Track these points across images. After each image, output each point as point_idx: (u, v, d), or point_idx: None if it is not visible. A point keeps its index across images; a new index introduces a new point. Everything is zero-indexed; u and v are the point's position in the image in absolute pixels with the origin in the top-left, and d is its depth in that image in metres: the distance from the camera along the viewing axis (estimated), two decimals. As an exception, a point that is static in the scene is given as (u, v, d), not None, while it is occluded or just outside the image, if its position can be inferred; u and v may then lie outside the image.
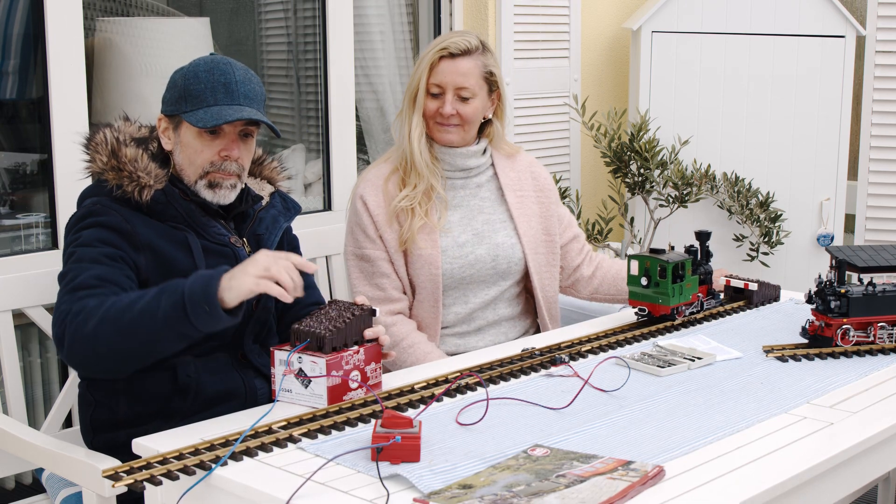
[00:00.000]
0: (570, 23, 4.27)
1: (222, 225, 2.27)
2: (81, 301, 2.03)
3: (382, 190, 2.70)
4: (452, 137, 2.72)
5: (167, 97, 2.24)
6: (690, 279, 2.56)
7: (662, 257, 2.49)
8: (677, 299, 2.52)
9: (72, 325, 2.00)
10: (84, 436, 2.28)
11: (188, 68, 2.22)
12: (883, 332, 2.37)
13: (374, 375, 2.10)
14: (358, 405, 1.99)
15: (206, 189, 2.23)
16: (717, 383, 2.18)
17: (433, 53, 2.68)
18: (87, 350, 2.00)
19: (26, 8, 3.08)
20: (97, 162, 2.21)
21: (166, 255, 2.16)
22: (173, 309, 1.94)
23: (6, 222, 3.13)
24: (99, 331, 1.97)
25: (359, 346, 2.08)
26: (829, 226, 4.20)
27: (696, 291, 2.61)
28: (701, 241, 2.67)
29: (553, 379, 2.20)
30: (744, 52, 4.17)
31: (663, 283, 2.49)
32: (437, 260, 2.68)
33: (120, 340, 1.98)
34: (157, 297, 1.97)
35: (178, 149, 2.23)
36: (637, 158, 3.99)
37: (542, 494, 1.59)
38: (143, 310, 1.96)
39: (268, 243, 2.34)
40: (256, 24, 4.17)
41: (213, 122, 2.15)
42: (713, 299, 2.69)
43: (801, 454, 1.81)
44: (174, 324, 1.95)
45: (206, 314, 1.93)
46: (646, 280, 2.50)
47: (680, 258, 2.51)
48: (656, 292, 2.50)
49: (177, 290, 1.96)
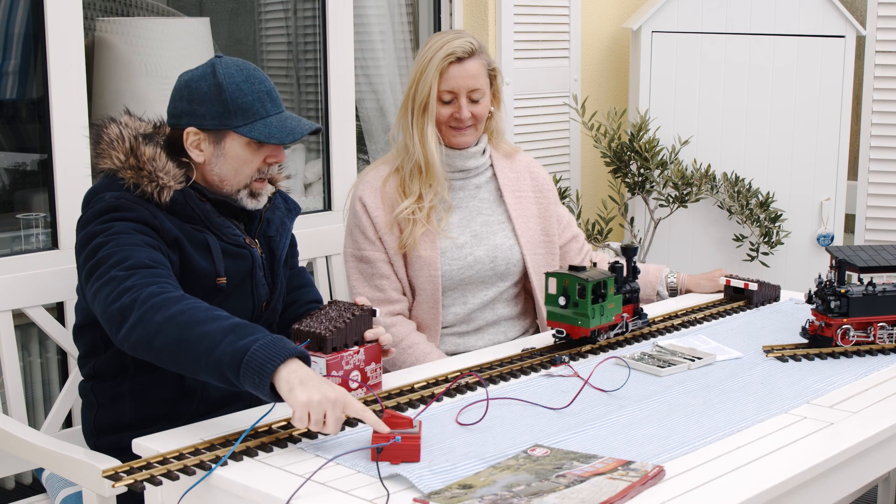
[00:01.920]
0: (570, 23, 4.27)
1: (235, 225, 2.26)
2: (145, 280, 1.94)
3: (381, 192, 2.70)
4: (469, 139, 2.72)
5: (202, 111, 2.16)
6: (613, 299, 2.37)
7: (581, 275, 2.30)
8: (598, 321, 2.33)
9: (141, 307, 1.90)
10: (87, 438, 2.27)
11: (223, 79, 2.15)
12: (883, 332, 2.37)
13: (374, 375, 2.10)
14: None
15: (249, 198, 2.23)
16: (717, 383, 2.18)
17: (441, 60, 2.63)
18: (145, 338, 1.90)
19: (26, 8, 3.08)
20: (113, 159, 2.15)
21: (190, 255, 2.14)
22: (231, 356, 1.82)
23: (6, 222, 3.13)
24: (163, 328, 1.88)
25: (359, 346, 2.08)
26: (829, 226, 4.20)
27: (620, 312, 2.42)
28: (627, 256, 2.51)
29: (553, 379, 2.20)
30: (744, 52, 4.17)
31: (582, 304, 2.30)
32: (437, 262, 2.68)
33: (175, 347, 1.88)
34: (229, 330, 1.86)
35: (220, 161, 2.19)
36: (637, 158, 3.99)
37: (542, 494, 1.59)
38: (209, 333, 1.85)
39: (279, 246, 2.34)
40: (256, 24, 4.17)
41: (290, 138, 2.16)
42: (640, 319, 2.51)
43: (801, 454, 1.81)
44: (223, 367, 1.84)
45: (254, 384, 1.81)
46: (564, 300, 2.31)
47: (600, 276, 2.33)
48: (575, 313, 2.31)
49: (247, 339, 1.83)
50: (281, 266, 2.34)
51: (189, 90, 2.18)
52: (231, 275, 2.21)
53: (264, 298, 2.30)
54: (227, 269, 2.19)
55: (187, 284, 2.13)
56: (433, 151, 2.65)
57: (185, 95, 2.19)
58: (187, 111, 2.18)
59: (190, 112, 2.17)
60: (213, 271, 2.17)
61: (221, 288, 2.18)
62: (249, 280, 2.25)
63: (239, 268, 2.22)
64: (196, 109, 2.17)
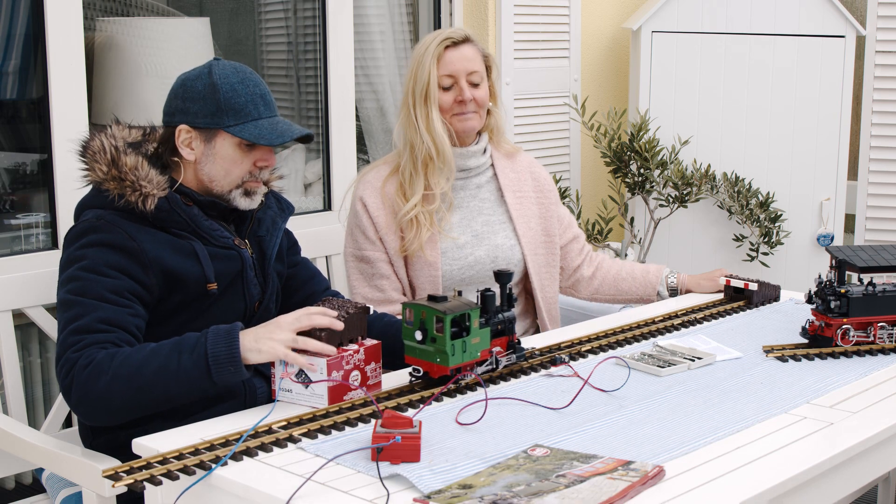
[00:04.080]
0: (570, 23, 4.27)
1: (224, 227, 2.27)
2: (88, 350, 2.01)
3: (381, 192, 2.70)
4: (473, 123, 2.71)
5: (195, 109, 2.18)
6: (478, 332, 2.08)
7: (439, 307, 2.00)
8: (459, 358, 2.04)
9: (80, 378, 1.98)
10: (83, 437, 2.28)
11: (218, 79, 2.17)
12: (883, 332, 2.37)
13: (373, 375, 2.10)
14: (358, 405, 1.99)
15: (242, 197, 2.24)
16: (717, 383, 2.18)
17: (436, 46, 2.64)
18: (99, 407, 2.00)
19: (26, 8, 3.08)
20: (96, 171, 2.18)
21: (174, 269, 2.15)
22: (195, 368, 1.96)
23: (6, 222, 3.13)
24: (112, 389, 1.97)
25: (359, 345, 2.08)
26: (829, 226, 4.20)
27: (489, 347, 2.13)
28: (501, 282, 2.20)
29: (553, 379, 2.20)
30: (744, 52, 4.17)
31: (440, 339, 2.02)
32: (437, 262, 2.68)
33: (134, 397, 1.98)
34: (175, 354, 1.97)
35: (210, 160, 2.20)
36: (637, 158, 3.99)
37: (542, 494, 1.59)
38: (161, 368, 1.96)
39: (269, 245, 2.34)
40: (256, 24, 4.17)
41: (279, 140, 2.18)
42: (514, 354, 2.21)
43: (801, 454, 1.81)
44: (194, 382, 1.97)
45: (231, 374, 1.97)
46: (421, 334, 2.03)
47: (462, 308, 2.03)
48: (435, 349, 2.03)
49: (196, 349, 1.97)
50: (272, 265, 2.35)
51: (184, 89, 2.21)
52: (221, 277, 2.22)
53: (256, 298, 2.30)
54: (217, 273, 2.20)
55: (176, 295, 2.16)
56: (442, 135, 2.63)
57: (180, 94, 2.21)
58: (181, 109, 2.20)
59: (183, 110, 2.20)
60: (202, 277, 2.18)
61: (212, 292, 2.20)
62: (240, 281, 2.26)
63: (229, 269, 2.24)
64: (189, 107, 2.19)
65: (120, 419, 2.05)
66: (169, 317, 2.17)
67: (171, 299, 2.16)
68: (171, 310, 2.17)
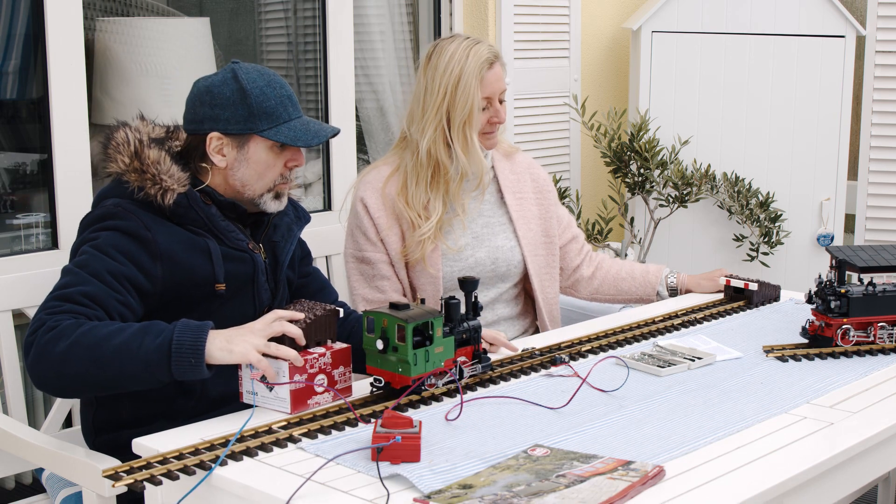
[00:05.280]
0: (570, 23, 4.27)
1: (240, 229, 2.27)
2: (59, 315, 1.99)
3: (382, 192, 2.70)
4: (497, 140, 2.74)
5: (226, 115, 2.18)
6: (442, 342, 2.02)
7: (401, 315, 1.95)
8: (421, 368, 1.99)
9: (41, 339, 1.96)
10: (86, 436, 2.28)
11: (246, 84, 2.17)
12: (883, 332, 2.37)
13: (342, 379, 2.04)
14: (358, 405, 1.99)
15: (273, 200, 2.25)
16: (717, 383, 2.18)
17: (478, 67, 2.58)
18: (51, 370, 1.96)
19: (26, 8, 3.08)
20: (118, 162, 2.18)
21: (185, 264, 2.15)
22: (156, 353, 1.92)
23: (6, 222, 3.13)
24: (69, 355, 1.94)
25: (325, 348, 2.03)
26: (829, 226, 4.20)
27: (452, 356, 2.07)
28: (466, 290, 2.16)
29: (553, 379, 2.20)
30: (744, 52, 4.17)
31: (402, 348, 1.96)
32: (438, 263, 2.68)
33: (89, 369, 1.94)
34: (140, 335, 1.94)
35: (243, 165, 2.21)
36: (637, 158, 3.99)
37: (542, 494, 1.59)
38: (123, 344, 1.93)
39: (283, 252, 2.34)
40: (256, 24, 4.17)
41: (316, 140, 2.21)
42: (480, 363, 2.17)
43: (801, 454, 1.81)
44: (152, 367, 1.93)
45: (190, 366, 1.92)
46: (382, 343, 1.97)
47: (425, 316, 1.98)
48: (396, 359, 1.98)
49: (162, 334, 1.94)
50: (284, 271, 2.35)
51: (211, 95, 2.20)
52: (232, 279, 2.22)
53: (266, 303, 2.30)
54: (227, 274, 2.20)
55: (183, 291, 2.15)
56: (482, 159, 2.64)
57: (207, 101, 2.20)
58: (210, 116, 2.19)
59: (213, 117, 2.19)
60: (212, 277, 2.18)
61: (220, 293, 2.19)
62: (251, 285, 2.26)
63: (240, 272, 2.23)
64: (219, 114, 2.19)
65: (71, 392, 2.04)
66: (176, 316, 2.17)
67: (179, 296, 2.16)
68: (179, 309, 2.16)
